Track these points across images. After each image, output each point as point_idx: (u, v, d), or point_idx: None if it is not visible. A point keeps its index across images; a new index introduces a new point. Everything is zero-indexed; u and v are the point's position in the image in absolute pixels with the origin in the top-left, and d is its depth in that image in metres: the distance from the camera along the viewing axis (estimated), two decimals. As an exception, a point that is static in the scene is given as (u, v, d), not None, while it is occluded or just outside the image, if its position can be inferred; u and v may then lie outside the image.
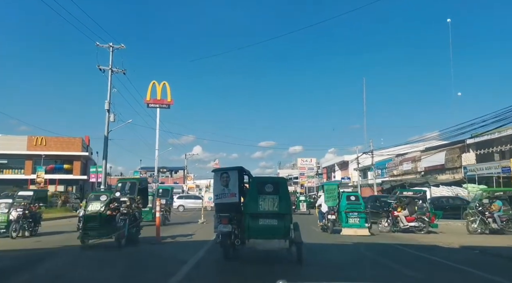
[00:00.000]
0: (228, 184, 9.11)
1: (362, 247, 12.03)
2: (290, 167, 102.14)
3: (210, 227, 12.82)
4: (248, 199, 8.91)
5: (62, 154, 50.14)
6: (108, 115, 36.00)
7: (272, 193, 8.70)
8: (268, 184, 8.95)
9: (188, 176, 72.13)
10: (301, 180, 75.21)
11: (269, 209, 8.60)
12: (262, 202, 8.62)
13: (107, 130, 36.13)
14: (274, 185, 8.95)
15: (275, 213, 8.61)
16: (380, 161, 48.74)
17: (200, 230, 17.29)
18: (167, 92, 66.36)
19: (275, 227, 8.53)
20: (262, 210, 8.60)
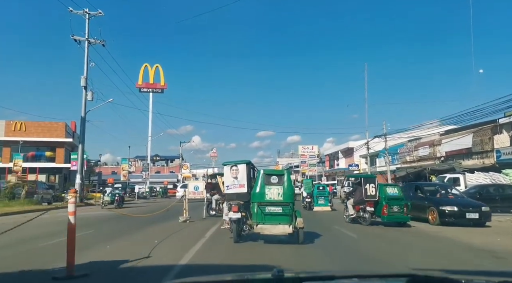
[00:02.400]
0: (237, 175, 9.79)
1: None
2: (289, 156, 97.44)
3: (193, 229, 12.50)
4: (257, 189, 9.34)
5: (43, 140, 44.55)
6: (85, 93, 30.54)
7: (277, 184, 9.33)
8: (273, 175, 9.51)
9: (184, 165, 66.71)
10: (302, 168, 69.96)
11: (274, 198, 9.24)
12: (269, 192, 9.24)
13: (84, 110, 30.66)
14: (279, 176, 9.51)
15: (280, 202, 9.25)
16: (390, 146, 43.28)
17: (174, 237, 10.80)
18: (160, 76, 60.92)
19: (280, 214, 9.24)
20: (269, 199, 9.22)
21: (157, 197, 51.62)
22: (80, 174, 30.46)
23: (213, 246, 9.23)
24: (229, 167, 10.06)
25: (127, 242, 10.03)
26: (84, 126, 30.68)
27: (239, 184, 9.84)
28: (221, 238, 10.21)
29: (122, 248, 9.03)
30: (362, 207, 14.05)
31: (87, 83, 30.19)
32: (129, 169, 53.11)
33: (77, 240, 6.06)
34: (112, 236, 11.18)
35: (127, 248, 9.01)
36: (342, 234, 11.91)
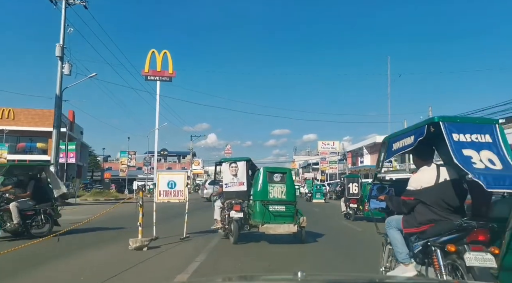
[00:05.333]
0: (237, 173, 9.13)
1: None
2: (306, 154, 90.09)
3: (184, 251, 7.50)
4: (259, 187, 8.86)
5: (32, 129, 37.91)
6: (61, 65, 23.53)
7: (280, 182, 8.93)
8: (276, 173, 9.07)
9: (195, 161, 59.70)
10: (321, 165, 62.28)
11: (278, 196, 8.78)
12: (272, 190, 8.77)
13: (60, 86, 23.62)
14: (282, 175, 9.12)
15: (284, 200, 8.82)
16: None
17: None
18: (169, 63, 53.73)
19: (284, 213, 8.76)
20: (272, 197, 8.74)
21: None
22: (55, 167, 23.42)
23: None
24: (228, 164, 9.32)
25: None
26: (60, 106, 23.77)
27: (239, 182, 9.10)
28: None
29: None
30: (347, 204, 15.06)
31: (63, 53, 23.25)
32: (129, 163, 46.20)
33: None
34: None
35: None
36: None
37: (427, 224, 3.84)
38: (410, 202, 4.02)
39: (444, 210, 3.83)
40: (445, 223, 3.76)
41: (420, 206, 3.93)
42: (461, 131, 3.65)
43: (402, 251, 4.13)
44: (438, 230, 3.75)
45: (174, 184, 8.79)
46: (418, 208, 3.94)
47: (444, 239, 3.67)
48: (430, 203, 3.85)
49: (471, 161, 3.47)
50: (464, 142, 3.61)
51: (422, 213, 3.89)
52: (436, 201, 3.84)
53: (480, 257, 3.45)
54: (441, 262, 3.63)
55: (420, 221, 3.89)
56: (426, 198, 3.88)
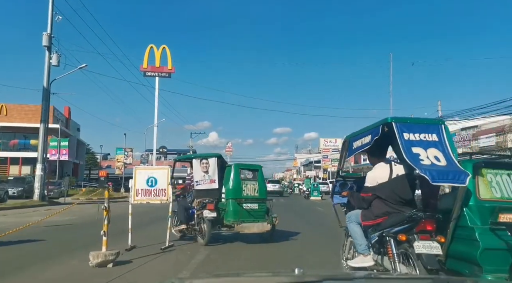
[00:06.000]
0: (208, 170, 8.40)
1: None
2: (307, 152, 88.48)
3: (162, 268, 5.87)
4: (231, 185, 8.33)
5: (26, 126, 36.18)
6: (48, 55, 21.86)
7: (252, 179, 8.64)
8: (248, 170, 8.83)
9: (195, 159, 57.73)
10: (323, 163, 60.52)
11: (251, 194, 8.44)
12: (245, 187, 8.40)
13: (47, 78, 21.94)
14: (254, 171, 8.85)
15: (257, 198, 8.52)
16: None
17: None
18: (168, 58, 52.04)
19: (257, 211, 8.40)
20: (246, 195, 8.37)
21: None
22: (41, 164, 21.81)
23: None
24: (199, 161, 8.48)
25: None
26: (47, 99, 22.08)
27: (210, 179, 8.30)
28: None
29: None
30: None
31: (51, 43, 21.56)
32: (125, 160, 44.49)
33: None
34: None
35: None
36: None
37: (382, 216, 4.13)
38: (368, 198, 4.29)
39: (397, 203, 4.12)
40: (397, 215, 4.05)
41: (376, 201, 4.21)
42: (411, 131, 3.93)
43: (362, 243, 4.35)
44: (392, 222, 4.04)
45: (154, 181, 7.08)
46: (375, 202, 4.23)
47: (397, 230, 3.94)
48: (385, 197, 4.14)
49: (419, 158, 3.75)
50: (413, 141, 3.89)
51: (378, 206, 4.18)
52: (390, 195, 4.14)
53: (427, 245, 3.74)
54: (394, 251, 3.90)
55: (376, 214, 4.18)
56: (381, 192, 4.17)
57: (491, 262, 3.60)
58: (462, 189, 3.73)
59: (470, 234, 3.73)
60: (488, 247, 3.61)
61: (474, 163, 4.01)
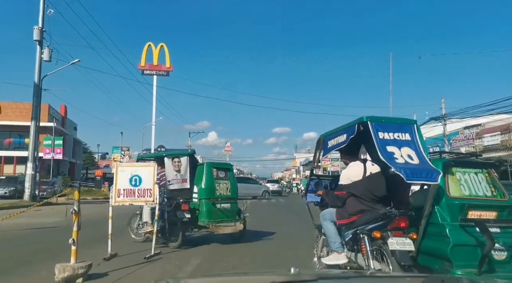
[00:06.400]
0: (180, 169, 7.96)
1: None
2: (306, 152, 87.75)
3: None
4: (204, 184, 7.96)
5: (19, 124, 35.17)
6: (40, 50, 20.95)
7: (224, 178, 8.37)
8: (221, 169, 8.51)
9: (193, 158, 56.83)
10: (323, 162, 59.57)
11: (224, 193, 8.20)
12: (218, 187, 8.11)
13: (38, 73, 21.04)
14: (226, 170, 8.60)
15: (229, 197, 8.32)
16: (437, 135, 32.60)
17: None
18: (166, 56, 51.13)
19: (230, 210, 8.16)
20: (219, 194, 8.09)
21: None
22: (32, 162, 20.89)
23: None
24: (171, 159, 7.99)
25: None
26: (38, 96, 21.15)
27: (182, 179, 7.86)
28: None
29: None
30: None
31: (42, 37, 20.65)
32: (122, 159, 43.55)
33: None
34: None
35: None
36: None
37: (356, 214, 4.17)
38: (343, 196, 4.32)
39: (371, 200, 4.19)
40: (371, 212, 4.10)
41: (350, 199, 4.25)
42: (385, 130, 4.03)
43: (336, 241, 4.36)
44: (366, 219, 4.08)
45: (139, 179, 6.18)
46: (349, 201, 4.26)
47: (371, 227, 4.00)
48: (360, 195, 4.19)
49: (394, 157, 3.85)
50: (388, 140, 4.00)
51: (352, 204, 4.22)
52: (364, 192, 4.19)
53: (400, 241, 3.83)
54: (368, 248, 3.93)
55: (350, 212, 4.22)
56: (356, 190, 4.22)
57: (461, 258, 3.66)
58: (434, 187, 3.79)
59: (441, 231, 3.80)
60: (458, 243, 3.68)
61: (444, 162, 4.13)
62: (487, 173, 4.28)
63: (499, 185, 4.27)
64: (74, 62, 22.20)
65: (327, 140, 4.69)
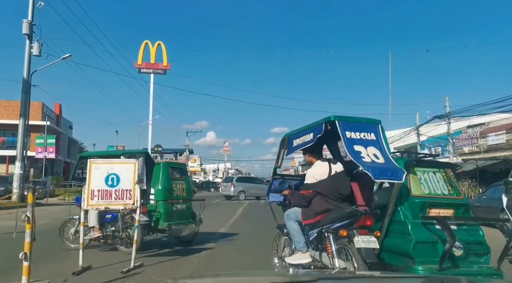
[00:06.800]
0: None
1: None
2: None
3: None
4: (162, 185, 7.51)
5: (12, 123, 34.13)
6: (29, 45, 20.02)
7: (180, 179, 7.98)
8: (177, 169, 8.18)
9: (191, 158, 56.25)
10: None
11: (180, 194, 7.77)
12: (175, 187, 7.69)
13: (28, 68, 20.09)
14: (181, 170, 8.41)
15: (185, 198, 7.95)
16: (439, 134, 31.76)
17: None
18: (163, 55, 50.26)
19: (186, 212, 7.82)
20: (176, 196, 7.67)
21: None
22: (20, 161, 19.91)
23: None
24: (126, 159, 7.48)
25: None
26: (27, 92, 20.16)
27: (139, 179, 6.69)
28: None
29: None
30: None
31: (32, 31, 19.70)
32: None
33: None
34: None
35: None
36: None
37: (322, 213, 4.16)
38: (309, 195, 4.29)
39: (337, 199, 4.20)
40: (337, 211, 4.09)
41: (316, 198, 4.22)
42: (352, 130, 4.05)
43: (300, 240, 4.31)
44: (332, 218, 4.07)
45: (116, 179, 5.25)
46: (315, 200, 4.23)
47: (337, 226, 3.98)
48: (326, 194, 4.18)
49: (361, 156, 3.87)
50: (355, 139, 4.02)
51: (318, 204, 4.20)
52: (330, 191, 4.19)
53: (366, 239, 3.82)
54: (333, 247, 3.92)
55: (316, 212, 4.19)
56: (322, 189, 4.20)
57: (422, 254, 3.76)
58: (398, 185, 3.85)
59: (404, 228, 3.89)
60: (420, 240, 3.79)
61: (405, 161, 4.21)
62: (444, 172, 4.42)
63: (455, 184, 4.43)
64: (65, 57, 21.23)
65: (292, 139, 4.66)
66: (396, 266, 3.91)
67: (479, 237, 4.04)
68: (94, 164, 5.33)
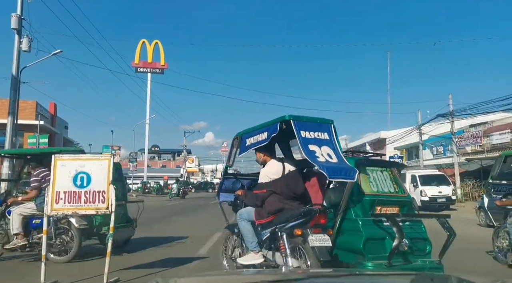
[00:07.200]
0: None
1: None
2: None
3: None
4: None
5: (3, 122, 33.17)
6: (19, 40, 19.19)
7: (119, 179, 7.25)
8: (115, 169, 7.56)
9: (189, 158, 55.40)
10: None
11: (119, 195, 6.73)
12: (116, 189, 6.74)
13: (17, 64, 19.25)
14: (118, 170, 7.46)
15: (121, 199, 7.14)
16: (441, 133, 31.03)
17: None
18: (160, 54, 49.45)
19: (124, 215, 7.32)
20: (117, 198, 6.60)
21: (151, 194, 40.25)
22: (9, 161, 19.01)
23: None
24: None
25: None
26: (16, 89, 19.30)
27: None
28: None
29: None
30: None
31: (21, 25, 18.84)
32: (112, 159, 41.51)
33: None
34: None
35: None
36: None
37: (275, 213, 4.09)
38: (263, 195, 4.18)
39: (291, 198, 4.16)
40: (291, 210, 4.03)
41: (270, 197, 4.14)
42: (307, 129, 4.08)
43: (253, 241, 4.21)
44: (286, 217, 3.99)
45: (87, 178, 4.41)
46: (269, 199, 4.14)
47: (292, 225, 3.92)
48: (280, 193, 4.12)
49: (316, 155, 3.90)
50: (309, 138, 4.04)
51: (272, 203, 4.12)
52: (284, 190, 4.14)
53: (319, 238, 3.80)
54: (287, 246, 3.87)
55: (269, 211, 4.12)
56: (276, 188, 4.13)
57: (373, 251, 3.86)
58: (350, 184, 3.94)
59: (355, 226, 4.00)
60: (370, 236, 3.89)
61: (356, 161, 4.33)
62: (391, 171, 4.58)
63: (400, 182, 4.60)
64: (56, 52, 20.36)
65: (245, 138, 4.60)
66: (348, 263, 3.95)
67: (422, 233, 4.22)
68: (60, 160, 4.47)
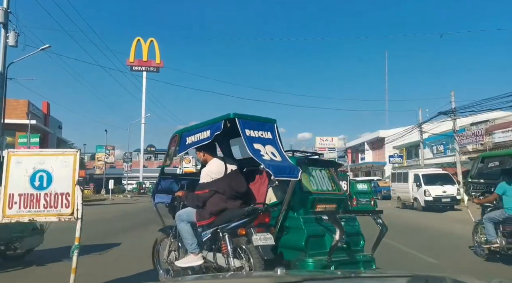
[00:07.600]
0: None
1: None
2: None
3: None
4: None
5: (-4, 121, 32.25)
6: (5, 34, 18.42)
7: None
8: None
9: (185, 158, 54.61)
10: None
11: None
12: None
13: (3, 60, 18.46)
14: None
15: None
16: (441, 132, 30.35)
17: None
18: (156, 52, 48.62)
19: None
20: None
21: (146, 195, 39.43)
22: (-4, 160, 18.07)
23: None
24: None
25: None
26: (3, 86, 18.44)
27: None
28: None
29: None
30: None
31: (7, 19, 18.03)
32: (106, 159, 40.73)
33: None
34: None
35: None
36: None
37: (217, 214, 3.99)
38: (205, 195, 4.06)
39: (234, 198, 4.08)
40: (234, 210, 3.98)
41: (213, 197, 4.03)
42: (251, 128, 4.07)
43: (193, 242, 4.12)
44: (229, 217, 3.92)
45: (47, 177, 3.62)
46: (211, 200, 4.03)
47: (235, 225, 3.84)
48: (222, 192, 4.02)
49: (260, 154, 3.88)
50: (254, 137, 4.03)
51: (214, 203, 4.01)
52: (227, 190, 4.05)
53: (263, 237, 3.80)
54: (229, 246, 3.79)
55: (211, 212, 4.01)
56: (219, 187, 4.03)
57: (314, 247, 3.94)
58: (293, 183, 3.97)
59: (297, 223, 4.06)
60: (311, 233, 3.97)
61: (297, 160, 4.42)
62: (328, 170, 4.76)
63: (337, 181, 4.80)
64: (44, 47, 19.53)
65: (186, 136, 4.52)
66: (290, 260, 3.96)
67: (356, 228, 4.41)
68: (15, 156, 3.67)
